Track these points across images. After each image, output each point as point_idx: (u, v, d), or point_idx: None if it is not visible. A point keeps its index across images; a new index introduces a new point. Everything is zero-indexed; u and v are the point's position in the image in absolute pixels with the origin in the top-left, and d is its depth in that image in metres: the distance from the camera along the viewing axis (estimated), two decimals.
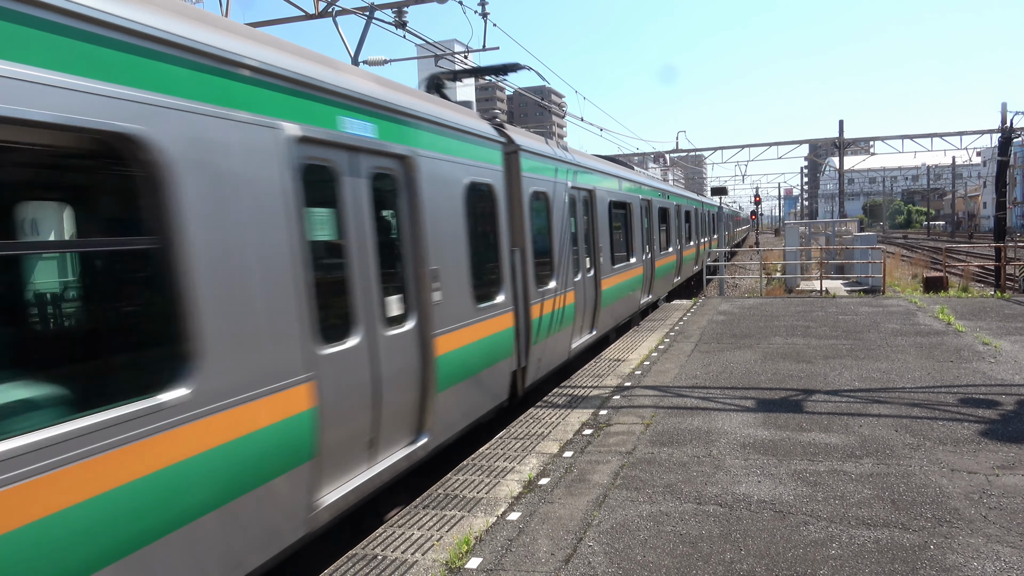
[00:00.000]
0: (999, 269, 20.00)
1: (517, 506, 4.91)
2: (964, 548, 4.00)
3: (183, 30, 3.53)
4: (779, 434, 6.19)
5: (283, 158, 4.12)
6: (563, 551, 4.20)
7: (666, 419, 6.80)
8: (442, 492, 5.26)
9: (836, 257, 25.62)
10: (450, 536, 4.48)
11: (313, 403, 4.21)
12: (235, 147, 3.75)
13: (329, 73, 4.74)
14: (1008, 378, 7.77)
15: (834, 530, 4.29)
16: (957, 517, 4.40)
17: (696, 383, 8.23)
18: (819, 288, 20.15)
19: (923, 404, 6.92)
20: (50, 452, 2.75)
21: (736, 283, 29.23)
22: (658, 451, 5.89)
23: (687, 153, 43.23)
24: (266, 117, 4.05)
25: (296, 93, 4.32)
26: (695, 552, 4.11)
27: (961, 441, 5.80)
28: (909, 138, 36.94)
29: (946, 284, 19.64)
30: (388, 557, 4.26)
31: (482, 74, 9.82)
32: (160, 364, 3.41)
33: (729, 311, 14.48)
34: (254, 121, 3.94)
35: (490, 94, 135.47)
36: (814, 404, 7.10)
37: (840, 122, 36.81)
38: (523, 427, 6.81)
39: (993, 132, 31.11)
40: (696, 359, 9.63)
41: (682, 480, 5.22)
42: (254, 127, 3.93)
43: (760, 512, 4.60)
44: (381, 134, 5.23)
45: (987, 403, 6.85)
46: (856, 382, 7.92)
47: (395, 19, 11.95)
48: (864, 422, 6.42)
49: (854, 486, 4.96)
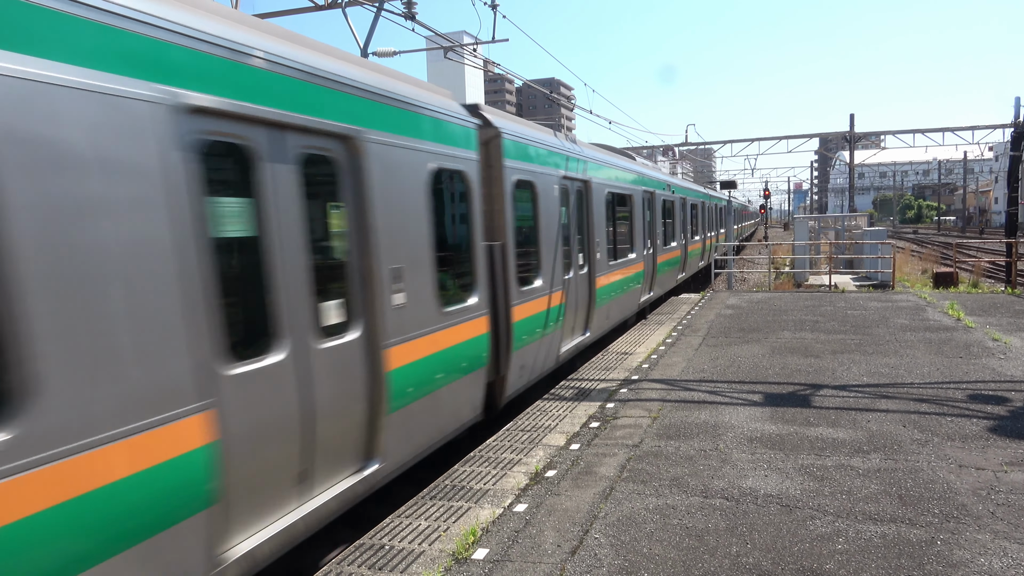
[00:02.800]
0: (1010, 265, 19.84)
1: (524, 498, 4.93)
2: (971, 544, 4.00)
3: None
4: (786, 428, 6.18)
5: (166, 133, 3.28)
6: (569, 543, 4.22)
7: (673, 413, 6.80)
8: (449, 483, 5.28)
9: (845, 252, 25.49)
10: (457, 527, 4.51)
11: (212, 437, 3.45)
12: (80, 117, 2.89)
13: (242, 34, 3.87)
14: (1018, 374, 7.73)
15: (841, 525, 4.29)
16: (964, 513, 4.39)
17: (703, 377, 8.22)
18: (828, 283, 20.06)
19: (931, 400, 6.90)
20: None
21: (745, 277, 29.14)
22: (665, 444, 5.89)
23: (696, 146, 43.07)
24: (130, 80, 3.13)
25: (188, 55, 3.45)
26: (701, 545, 4.11)
27: (969, 437, 5.77)
28: (920, 132, 36.64)
29: (956, 280, 19.51)
30: (396, 547, 4.29)
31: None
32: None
33: (737, 305, 14.44)
34: (112, 85, 3.04)
35: (499, 86, 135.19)
36: (822, 399, 7.09)
37: (851, 116, 36.56)
38: (530, 419, 6.83)
39: (1006, 127, 30.82)
40: (704, 353, 9.62)
41: (689, 473, 5.22)
42: (112, 94, 3.04)
43: (766, 506, 4.60)
44: (314, 109, 4.35)
45: (996, 399, 6.82)
46: (864, 377, 7.90)
47: (404, 11, 11.92)
48: (872, 417, 6.40)
49: (861, 481, 4.95)
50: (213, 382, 3.49)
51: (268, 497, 3.99)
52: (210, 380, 3.47)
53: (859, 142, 38.73)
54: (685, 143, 41.20)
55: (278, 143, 4.09)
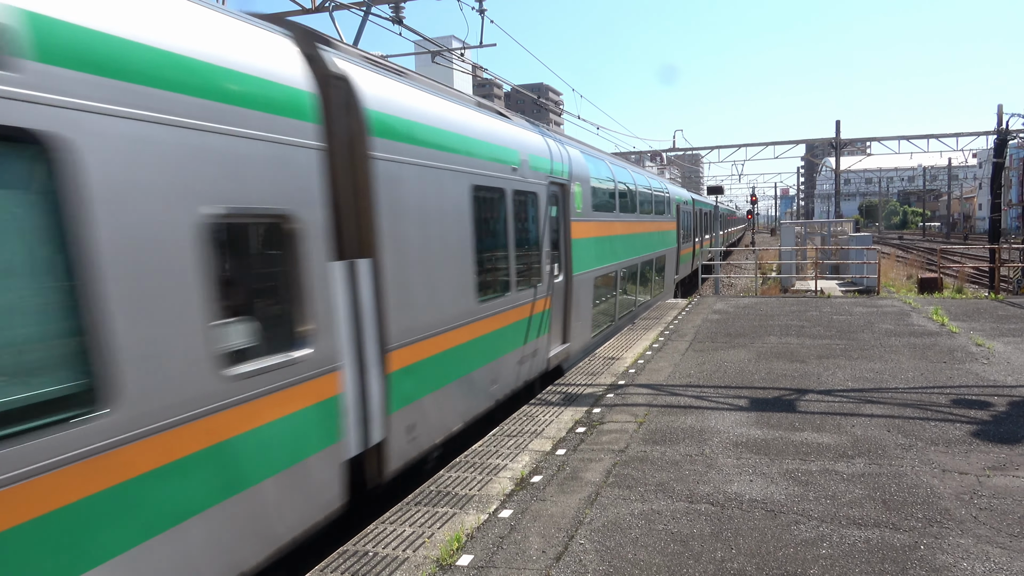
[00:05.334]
0: (993, 271, 20.05)
1: (509, 503, 4.90)
2: (954, 548, 4.01)
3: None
4: (772, 433, 6.19)
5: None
6: (554, 549, 4.20)
7: (659, 417, 6.80)
8: (434, 489, 5.25)
9: (831, 257, 25.68)
10: (442, 533, 4.48)
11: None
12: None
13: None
14: (1000, 379, 7.79)
15: (825, 529, 4.30)
16: (948, 517, 4.41)
17: (690, 382, 8.24)
18: (814, 288, 20.18)
19: (916, 404, 6.94)
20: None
21: (732, 282, 29.27)
22: (651, 449, 5.89)
23: (684, 152, 43.26)
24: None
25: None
26: (686, 550, 4.11)
27: (953, 442, 5.81)
28: (905, 139, 37.02)
29: (941, 285, 19.69)
30: (379, 554, 4.25)
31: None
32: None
33: (724, 310, 14.49)
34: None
35: (487, 91, 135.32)
36: (807, 404, 7.11)
37: (837, 122, 36.88)
38: (516, 425, 6.81)
39: (989, 134, 31.18)
40: (690, 358, 9.64)
41: (674, 479, 5.22)
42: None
43: (751, 511, 4.60)
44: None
45: (979, 404, 6.87)
46: (849, 382, 7.94)
47: (392, 15, 11.91)
48: (857, 422, 6.43)
49: (846, 486, 4.97)
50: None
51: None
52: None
53: (845, 148, 39.06)
54: (673, 148, 41.38)
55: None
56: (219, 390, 3.78)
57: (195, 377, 3.64)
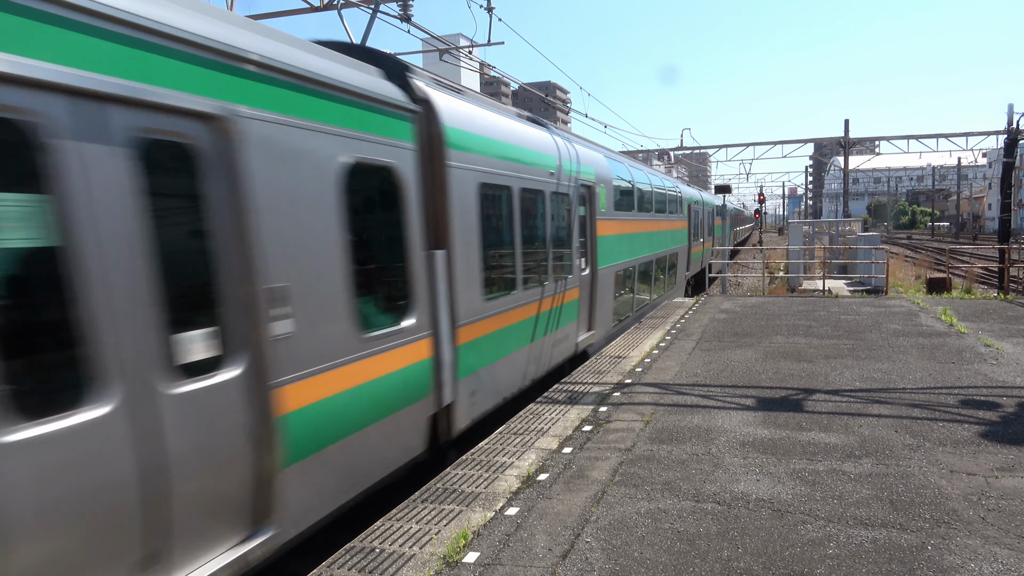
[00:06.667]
0: (1003, 271, 19.94)
1: (515, 501, 4.91)
2: (962, 549, 4.00)
3: None
4: (779, 433, 6.18)
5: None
6: (561, 547, 4.20)
7: (666, 416, 6.80)
8: (441, 486, 5.26)
9: (839, 257, 25.59)
10: (448, 530, 4.49)
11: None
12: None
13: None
14: (1009, 380, 7.75)
15: (832, 529, 4.29)
16: (955, 518, 4.40)
17: (697, 381, 8.23)
18: (822, 288, 20.12)
19: (923, 405, 6.91)
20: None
21: (739, 281, 29.19)
22: (657, 448, 5.89)
23: (691, 150, 43.17)
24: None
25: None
26: (692, 549, 4.11)
27: (961, 442, 5.79)
28: (914, 138, 36.85)
29: (949, 285, 19.59)
30: (386, 550, 4.27)
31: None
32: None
33: (731, 309, 14.46)
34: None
35: (495, 90, 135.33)
36: (814, 403, 7.10)
37: (846, 121, 36.74)
38: (523, 423, 6.82)
39: (999, 133, 31.01)
40: (697, 357, 9.63)
41: (681, 478, 5.22)
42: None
43: (758, 510, 4.60)
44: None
45: (988, 405, 6.84)
46: (857, 382, 7.91)
47: (400, 13, 11.92)
48: (864, 422, 6.41)
49: (853, 486, 4.96)
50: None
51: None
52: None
53: (854, 147, 38.90)
54: (681, 147, 41.29)
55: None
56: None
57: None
